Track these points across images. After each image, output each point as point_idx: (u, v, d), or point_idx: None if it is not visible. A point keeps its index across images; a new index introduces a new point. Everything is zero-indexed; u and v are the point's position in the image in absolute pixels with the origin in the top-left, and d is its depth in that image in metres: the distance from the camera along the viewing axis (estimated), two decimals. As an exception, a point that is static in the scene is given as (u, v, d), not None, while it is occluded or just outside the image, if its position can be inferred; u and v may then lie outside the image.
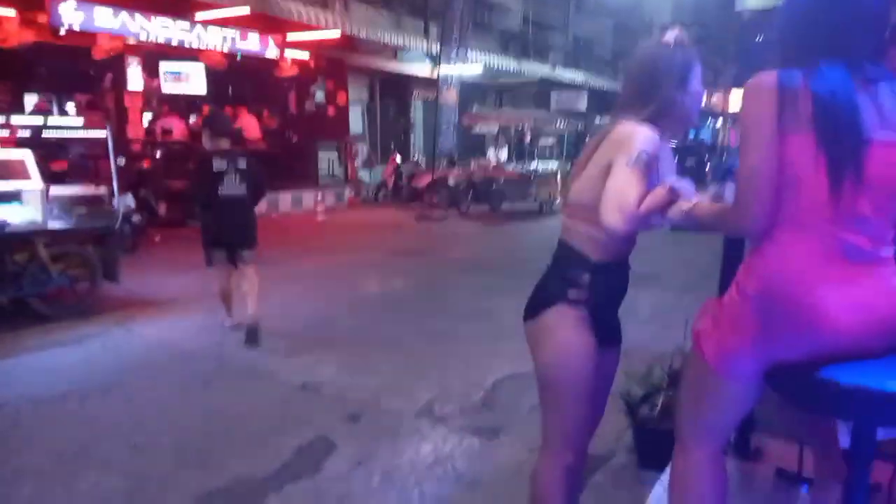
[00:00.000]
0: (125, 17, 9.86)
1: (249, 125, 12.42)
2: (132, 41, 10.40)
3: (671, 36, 1.78)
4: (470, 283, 6.98)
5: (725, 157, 16.85)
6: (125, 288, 5.94)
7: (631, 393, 2.91)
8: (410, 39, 14.78)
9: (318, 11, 12.03)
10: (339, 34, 12.48)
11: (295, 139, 14.25)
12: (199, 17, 10.87)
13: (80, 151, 8.49)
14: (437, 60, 15.25)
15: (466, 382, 4.08)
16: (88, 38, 9.82)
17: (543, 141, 15.10)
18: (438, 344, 4.86)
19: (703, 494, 1.67)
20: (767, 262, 1.50)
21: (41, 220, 5.27)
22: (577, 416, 1.86)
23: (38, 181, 5.52)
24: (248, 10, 10.59)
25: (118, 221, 5.70)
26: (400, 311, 5.95)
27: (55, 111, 9.97)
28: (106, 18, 9.66)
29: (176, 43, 10.68)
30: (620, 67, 22.43)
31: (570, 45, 23.45)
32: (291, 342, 4.87)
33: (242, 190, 4.80)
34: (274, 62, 12.66)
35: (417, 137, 17.95)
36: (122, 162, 7.69)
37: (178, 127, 11.33)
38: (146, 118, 11.65)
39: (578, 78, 21.35)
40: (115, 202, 5.75)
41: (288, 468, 3.02)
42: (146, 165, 10.07)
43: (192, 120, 11.98)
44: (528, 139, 14.67)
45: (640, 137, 1.66)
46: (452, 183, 13.34)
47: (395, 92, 17.04)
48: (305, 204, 12.93)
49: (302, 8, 11.58)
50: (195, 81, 12.25)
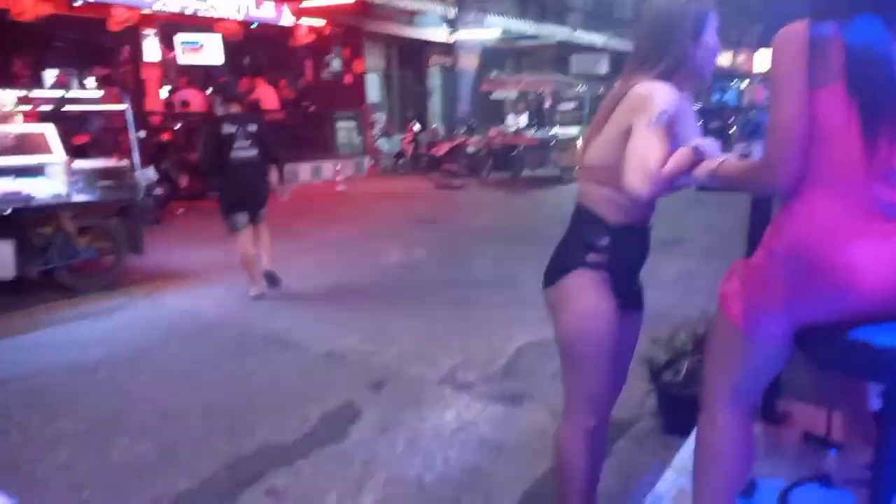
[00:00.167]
0: (139, -14, 9.83)
1: (267, 95, 12.36)
2: (147, 11, 10.35)
3: None
4: (491, 250, 6.96)
5: (753, 113, 16.38)
6: (150, 260, 6.03)
7: (655, 359, 2.89)
8: (426, 3, 14.52)
9: (332, -24, 11.89)
10: (353, -1, 12.34)
11: (312, 109, 14.19)
12: (212, -15, 10.81)
13: (100, 125, 8.54)
14: (454, 25, 14.98)
15: (489, 349, 4.09)
16: (103, 9, 9.80)
17: (563, 106, 14.78)
18: (460, 311, 4.87)
19: (729, 458, 1.66)
20: (797, 220, 1.46)
21: (65, 193, 5.33)
22: (599, 380, 1.85)
23: (60, 154, 5.57)
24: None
25: (141, 194, 5.76)
26: (422, 279, 5.97)
27: (75, 85, 10.01)
28: (120, -12, 9.63)
29: (190, 12, 10.62)
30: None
31: (589, 5, 22.82)
32: (315, 311, 4.92)
33: (254, 152, 5.00)
34: (289, 30, 12.56)
35: (435, 105, 17.75)
36: (142, 135, 7.73)
37: (196, 99, 11.33)
38: (164, 91, 11.66)
39: (598, 40, 20.83)
40: (136, 175, 5.79)
41: (314, 434, 3.07)
42: (166, 138, 10.11)
43: (209, 91, 11.97)
44: (547, 104, 14.40)
45: (659, 96, 1.61)
46: (472, 150, 13.21)
47: (412, 59, 16.82)
48: (325, 174, 12.93)
49: (316, -27, 11.46)
50: (212, 52, 12.18)
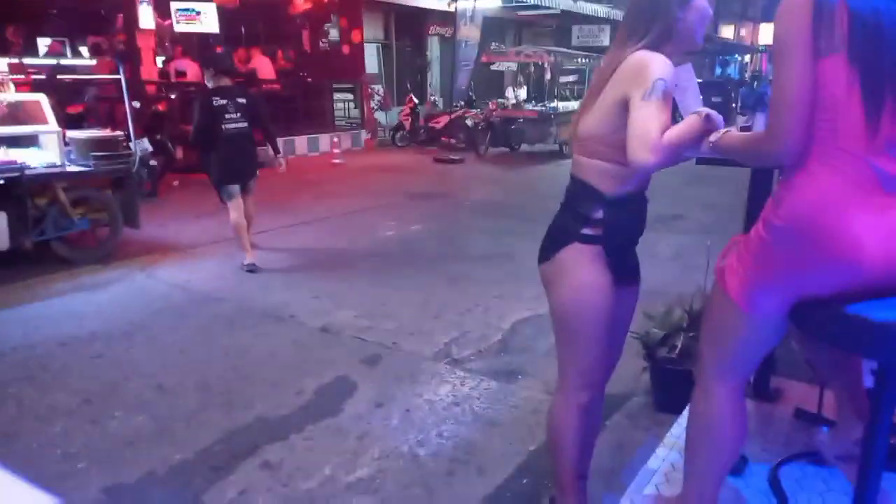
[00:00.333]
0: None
1: (263, 66, 12.20)
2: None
3: None
4: (488, 225, 6.93)
5: (756, 84, 16.22)
6: (146, 233, 6.00)
7: (650, 334, 2.89)
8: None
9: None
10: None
11: (309, 80, 14.02)
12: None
13: (94, 95, 8.43)
14: (453, -8, 14.71)
15: (485, 325, 4.10)
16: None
17: (564, 78, 14.60)
18: (457, 286, 4.87)
19: (722, 433, 1.66)
20: (797, 191, 1.43)
21: (59, 163, 5.28)
22: (593, 354, 1.85)
23: (54, 124, 5.50)
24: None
25: (136, 165, 5.70)
26: (418, 253, 5.95)
27: (69, 54, 9.85)
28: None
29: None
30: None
31: (592, -25, 22.44)
32: (311, 285, 4.91)
33: (244, 124, 5.11)
34: (287, -3, 12.32)
35: (434, 77, 17.54)
36: (137, 105, 7.64)
37: (192, 69, 11.17)
38: (160, 61, 11.48)
39: (601, 10, 20.42)
40: (132, 146, 5.72)
41: (309, 408, 3.08)
42: (162, 108, 9.97)
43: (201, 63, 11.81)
44: (548, 77, 14.22)
45: (654, 66, 1.58)
46: (470, 124, 13.08)
47: (411, 29, 16.57)
48: (322, 147, 12.83)
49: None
50: (208, 20, 11.94)
